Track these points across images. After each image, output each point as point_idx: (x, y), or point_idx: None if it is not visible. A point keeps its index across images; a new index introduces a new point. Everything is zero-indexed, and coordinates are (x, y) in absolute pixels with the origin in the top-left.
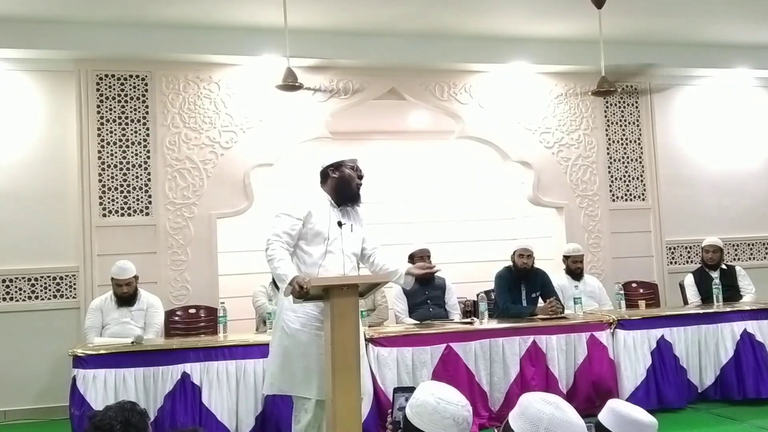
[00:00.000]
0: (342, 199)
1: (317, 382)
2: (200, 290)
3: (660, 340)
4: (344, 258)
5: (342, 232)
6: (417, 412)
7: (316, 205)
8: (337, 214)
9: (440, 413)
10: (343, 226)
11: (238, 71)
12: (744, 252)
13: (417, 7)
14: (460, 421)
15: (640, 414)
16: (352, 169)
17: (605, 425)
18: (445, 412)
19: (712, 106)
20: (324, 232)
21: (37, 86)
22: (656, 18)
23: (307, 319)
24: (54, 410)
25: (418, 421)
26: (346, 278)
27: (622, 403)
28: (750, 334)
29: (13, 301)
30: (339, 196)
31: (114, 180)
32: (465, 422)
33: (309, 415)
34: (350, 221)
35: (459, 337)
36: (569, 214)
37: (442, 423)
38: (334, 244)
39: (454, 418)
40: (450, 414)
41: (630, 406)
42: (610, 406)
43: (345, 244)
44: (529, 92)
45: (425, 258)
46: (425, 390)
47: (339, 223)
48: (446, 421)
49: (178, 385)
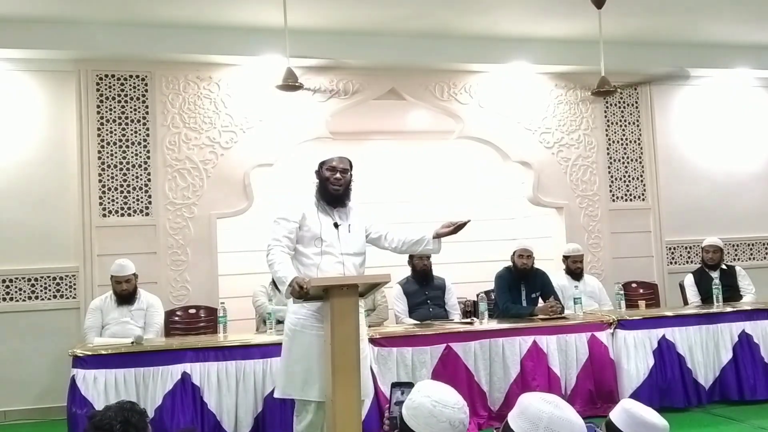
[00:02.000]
0: (325, 201)
1: (318, 384)
2: (200, 290)
3: (660, 340)
4: (343, 258)
5: (339, 233)
6: (413, 414)
7: (310, 207)
8: (333, 215)
9: (436, 416)
10: (340, 227)
11: (238, 71)
12: (744, 252)
13: (417, 8)
14: (456, 424)
15: (652, 416)
16: (329, 169)
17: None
18: (441, 415)
19: (712, 106)
20: (318, 234)
21: (37, 86)
22: (656, 18)
23: (308, 320)
24: (54, 410)
25: (414, 423)
26: (346, 278)
27: (635, 404)
28: (750, 335)
29: (13, 301)
30: (322, 197)
31: (114, 180)
32: (461, 425)
33: (310, 416)
34: (347, 221)
35: (459, 337)
36: (569, 214)
37: (437, 426)
38: (330, 246)
39: (450, 421)
40: (446, 417)
41: (643, 408)
42: (623, 406)
43: (342, 245)
44: (529, 92)
45: (425, 258)
46: (421, 391)
47: (335, 224)
48: (442, 425)
49: (177, 385)
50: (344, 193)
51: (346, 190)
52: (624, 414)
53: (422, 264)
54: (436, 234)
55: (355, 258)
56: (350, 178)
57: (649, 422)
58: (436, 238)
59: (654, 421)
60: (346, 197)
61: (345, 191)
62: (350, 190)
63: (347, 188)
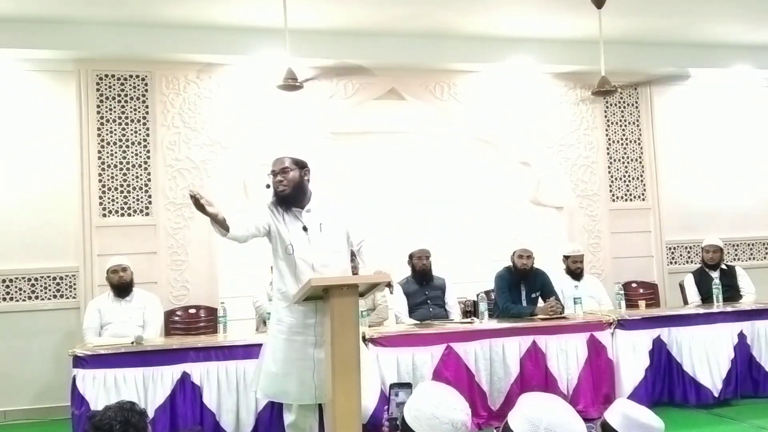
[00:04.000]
0: (280, 206)
1: (295, 387)
2: (200, 290)
3: (660, 340)
4: (313, 261)
5: (309, 236)
6: (415, 416)
7: (275, 217)
8: (301, 219)
9: (438, 419)
10: (309, 230)
11: (239, 71)
12: (744, 252)
13: (417, 7)
14: (458, 426)
15: (648, 417)
16: (271, 174)
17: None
18: (444, 417)
19: (712, 106)
20: (287, 242)
21: (37, 86)
22: (656, 18)
23: (284, 325)
24: (54, 410)
25: (417, 425)
26: (346, 278)
27: (630, 405)
28: (750, 335)
29: (13, 301)
30: (277, 203)
31: (114, 180)
32: (463, 426)
33: (292, 416)
34: (317, 221)
35: (459, 337)
36: (569, 214)
37: (440, 428)
38: (302, 251)
39: (453, 423)
40: (448, 419)
41: (639, 408)
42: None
43: (314, 246)
44: (529, 92)
45: (424, 258)
46: (423, 394)
47: (304, 228)
48: (444, 427)
49: (177, 385)
50: (294, 192)
51: (297, 188)
52: (620, 416)
53: (421, 264)
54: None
55: (333, 256)
56: (299, 175)
57: (645, 423)
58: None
59: (650, 422)
60: (299, 195)
61: (294, 189)
62: (304, 188)
63: (297, 186)
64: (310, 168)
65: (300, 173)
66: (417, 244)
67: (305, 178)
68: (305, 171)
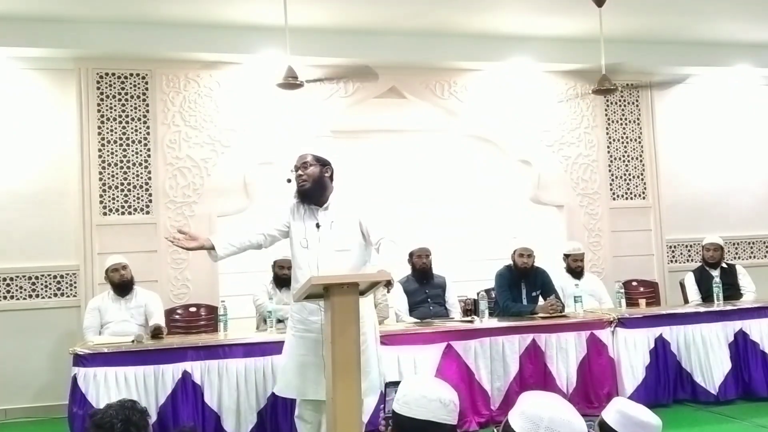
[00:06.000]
0: (301, 201)
1: (295, 382)
2: (201, 288)
3: (660, 338)
4: (318, 259)
5: (320, 233)
6: (405, 402)
7: (295, 212)
8: (317, 216)
9: (427, 397)
10: (321, 227)
11: (239, 69)
12: (744, 250)
13: (417, 6)
14: (446, 402)
15: (645, 415)
16: (293, 170)
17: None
18: (432, 395)
19: (713, 104)
20: (300, 237)
21: (37, 84)
22: (657, 16)
23: (293, 321)
24: (54, 408)
25: (407, 410)
26: (346, 276)
27: (628, 403)
28: (750, 333)
29: (13, 300)
30: (298, 199)
31: (114, 178)
32: (452, 404)
33: (297, 409)
34: (330, 219)
35: (459, 335)
36: (570, 212)
37: (429, 406)
38: (312, 247)
39: (440, 399)
40: (436, 396)
41: (636, 407)
42: (615, 406)
43: (322, 245)
44: (529, 90)
45: (424, 256)
46: (408, 382)
47: (317, 224)
48: (433, 404)
49: (178, 384)
50: (314, 186)
51: (316, 183)
52: (617, 414)
53: (421, 262)
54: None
55: (339, 255)
56: (320, 171)
57: (643, 421)
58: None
59: (648, 420)
60: (318, 191)
61: (314, 184)
62: (324, 184)
63: (317, 181)
64: (332, 166)
65: (321, 170)
66: (417, 243)
67: (326, 175)
68: (326, 168)
